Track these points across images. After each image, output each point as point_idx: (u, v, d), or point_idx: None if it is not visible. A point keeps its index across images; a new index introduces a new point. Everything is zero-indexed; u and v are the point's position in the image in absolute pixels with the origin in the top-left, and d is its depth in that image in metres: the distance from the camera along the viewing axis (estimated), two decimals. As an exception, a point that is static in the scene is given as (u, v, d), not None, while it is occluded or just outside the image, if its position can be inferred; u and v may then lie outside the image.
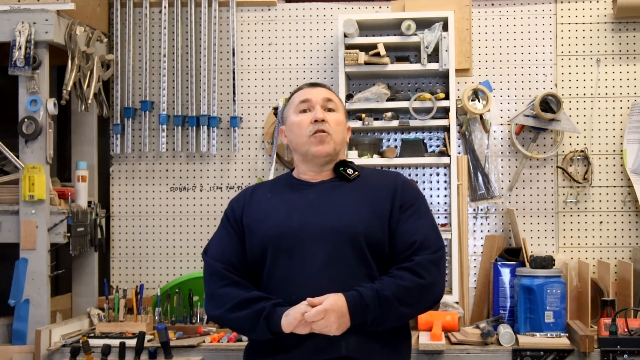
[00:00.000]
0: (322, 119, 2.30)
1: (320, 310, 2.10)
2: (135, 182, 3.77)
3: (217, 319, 2.34)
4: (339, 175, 2.35)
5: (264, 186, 2.46)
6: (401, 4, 3.64)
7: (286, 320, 2.13)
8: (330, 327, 2.11)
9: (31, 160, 3.20)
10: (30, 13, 3.18)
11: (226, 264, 2.30)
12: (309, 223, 2.25)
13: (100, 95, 3.58)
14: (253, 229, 2.31)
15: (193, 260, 3.73)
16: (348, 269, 2.21)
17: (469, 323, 3.41)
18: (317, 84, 2.44)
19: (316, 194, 2.31)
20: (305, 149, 2.33)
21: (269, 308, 2.17)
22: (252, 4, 3.75)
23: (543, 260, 3.16)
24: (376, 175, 2.42)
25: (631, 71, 3.61)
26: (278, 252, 2.25)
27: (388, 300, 2.14)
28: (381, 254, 2.25)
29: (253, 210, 2.35)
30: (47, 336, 3.07)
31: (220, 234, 2.39)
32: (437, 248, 2.26)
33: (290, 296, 2.18)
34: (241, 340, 3.12)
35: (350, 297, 2.14)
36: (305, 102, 2.35)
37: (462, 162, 3.52)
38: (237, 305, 2.22)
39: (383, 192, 2.30)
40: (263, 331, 2.19)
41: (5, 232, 3.23)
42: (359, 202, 2.28)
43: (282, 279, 2.23)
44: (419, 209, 2.31)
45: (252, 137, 3.74)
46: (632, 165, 3.53)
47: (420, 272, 2.19)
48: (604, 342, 2.91)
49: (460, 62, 3.57)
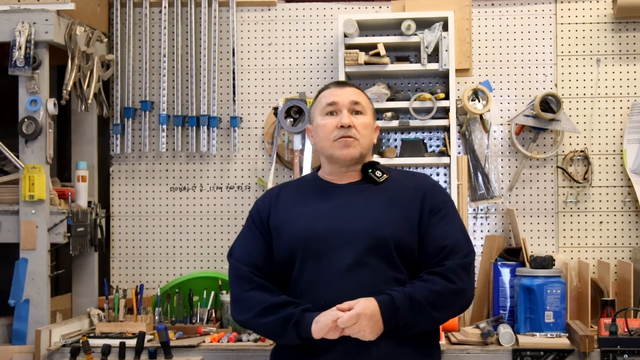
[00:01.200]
0: (349, 125, 2.27)
1: (353, 315, 2.08)
2: (135, 182, 3.77)
3: (244, 323, 2.31)
4: (367, 177, 2.33)
5: (289, 187, 2.43)
6: (401, 4, 3.64)
7: (317, 327, 2.11)
8: (363, 331, 2.10)
9: (31, 160, 3.20)
10: (30, 13, 3.18)
11: (252, 266, 2.27)
12: (337, 227, 2.23)
13: (100, 95, 3.58)
14: (280, 231, 2.29)
15: (193, 260, 3.73)
16: (377, 273, 2.19)
17: (469, 323, 3.40)
18: (345, 83, 2.39)
19: (344, 197, 2.29)
20: (330, 153, 2.30)
21: (298, 314, 2.15)
22: (252, 4, 3.75)
23: (543, 260, 3.16)
24: (405, 177, 2.39)
25: (631, 71, 3.61)
26: (306, 256, 2.23)
27: (420, 305, 2.13)
28: (410, 258, 2.24)
29: (280, 213, 2.32)
30: (47, 336, 3.07)
31: (245, 235, 2.36)
32: (467, 252, 2.25)
33: (319, 301, 2.17)
34: (241, 340, 3.12)
35: (382, 301, 2.12)
36: (331, 104, 2.31)
37: (462, 162, 3.52)
38: (265, 310, 2.20)
39: (412, 196, 2.28)
40: (292, 337, 2.17)
41: (5, 232, 3.23)
42: (387, 206, 2.26)
43: (310, 283, 2.21)
44: (449, 213, 2.30)
45: (252, 137, 3.74)
46: (632, 165, 3.53)
47: (451, 277, 2.18)
48: (604, 342, 2.91)
49: (460, 62, 3.57)
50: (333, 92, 2.34)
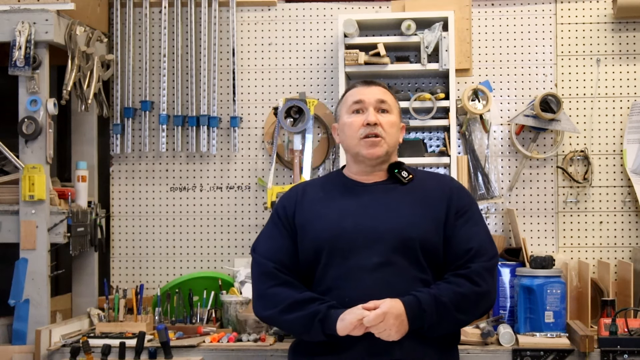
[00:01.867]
0: (375, 123, 2.28)
1: (379, 314, 2.09)
2: (135, 182, 3.77)
3: (268, 319, 2.32)
4: (393, 177, 2.33)
5: (315, 184, 2.44)
6: (401, 4, 3.64)
7: (342, 325, 2.12)
8: (389, 330, 2.11)
9: (31, 160, 3.20)
10: (30, 13, 3.18)
11: (277, 263, 2.28)
12: (363, 226, 2.23)
13: (100, 95, 3.58)
14: (306, 229, 2.29)
15: (193, 260, 3.73)
16: (402, 272, 2.20)
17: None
18: (372, 82, 2.40)
19: (370, 196, 2.29)
20: (356, 151, 2.31)
21: (324, 311, 2.16)
22: (252, 4, 3.75)
23: (543, 260, 3.16)
24: (430, 178, 2.40)
25: (631, 71, 3.61)
26: (332, 254, 2.23)
27: (445, 306, 2.15)
28: (435, 259, 2.25)
29: (305, 210, 2.32)
30: (47, 336, 3.07)
31: (270, 231, 2.36)
32: (492, 255, 2.27)
33: (344, 298, 2.18)
34: (241, 340, 3.12)
35: (408, 302, 2.13)
36: (358, 102, 2.32)
37: (462, 162, 3.52)
38: (290, 306, 2.20)
39: (438, 197, 2.30)
40: (317, 333, 2.18)
41: (5, 232, 3.23)
42: (414, 206, 2.27)
43: (335, 281, 2.22)
44: (474, 215, 2.32)
45: (252, 137, 3.74)
46: (632, 165, 3.53)
47: (476, 279, 2.19)
48: (604, 342, 2.91)
49: (460, 62, 3.57)
50: (360, 91, 2.35)
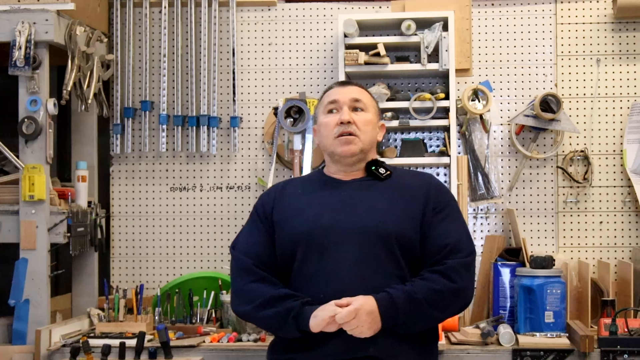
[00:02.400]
0: (349, 121, 2.29)
1: (351, 311, 2.09)
2: (135, 182, 3.77)
3: (245, 315, 2.33)
4: (371, 174, 2.34)
5: (294, 182, 2.46)
6: (401, 4, 3.64)
7: (315, 321, 2.13)
8: (361, 327, 2.11)
9: (31, 160, 3.20)
10: (30, 13, 3.18)
11: (255, 259, 2.28)
12: (340, 222, 2.24)
13: (100, 95, 3.58)
14: (283, 225, 2.30)
15: (193, 260, 3.73)
16: (378, 268, 2.20)
17: (469, 323, 3.40)
18: (347, 83, 2.42)
19: (348, 193, 2.30)
20: (331, 150, 2.33)
21: (298, 307, 2.17)
22: (252, 4, 3.75)
23: (543, 260, 3.16)
24: (409, 175, 2.41)
25: (631, 71, 3.61)
26: (308, 250, 2.24)
27: (419, 303, 2.14)
28: (412, 255, 2.25)
29: (284, 207, 2.33)
30: (47, 336, 3.07)
31: (249, 228, 2.37)
32: (469, 252, 2.26)
33: (319, 294, 2.18)
34: (241, 340, 3.12)
35: (381, 299, 2.13)
36: (333, 102, 2.34)
37: (462, 162, 3.52)
38: (266, 302, 2.21)
39: (416, 194, 2.29)
40: (291, 330, 2.18)
41: (5, 232, 3.23)
42: (391, 202, 2.27)
43: (311, 277, 2.23)
44: (452, 212, 2.32)
45: (252, 137, 3.74)
46: (632, 165, 3.53)
47: (452, 276, 2.19)
48: (604, 342, 2.91)
49: (460, 62, 3.57)
50: (335, 91, 2.38)
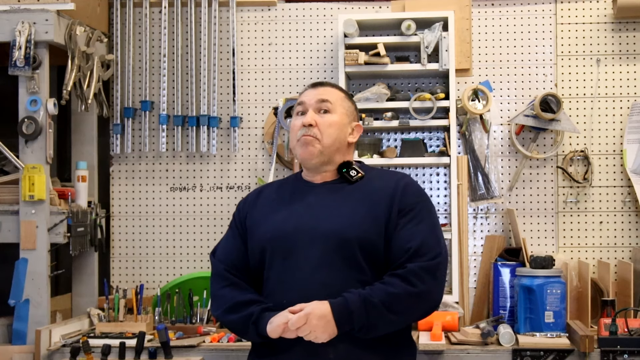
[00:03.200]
0: (310, 124, 2.26)
1: (302, 316, 2.08)
2: (135, 182, 3.77)
3: (217, 318, 2.38)
4: (342, 176, 2.32)
5: (272, 186, 2.45)
6: (401, 4, 3.64)
7: (270, 327, 2.13)
8: (315, 332, 2.09)
9: (31, 160, 3.20)
10: (30, 13, 3.18)
11: (228, 265, 2.30)
12: (303, 226, 2.22)
13: (100, 95, 3.58)
14: (253, 230, 2.31)
15: (193, 260, 3.73)
16: (339, 274, 2.17)
17: (469, 323, 3.41)
18: (320, 84, 2.39)
19: (316, 197, 2.28)
20: (295, 153, 2.33)
21: (257, 313, 2.18)
22: (252, 4, 3.75)
23: (543, 260, 3.16)
24: (380, 177, 2.35)
25: (631, 71, 3.61)
26: (274, 256, 2.24)
27: (375, 307, 2.10)
28: (376, 260, 2.20)
29: (256, 212, 2.34)
30: (47, 336, 3.07)
31: (227, 234, 2.40)
32: (434, 255, 2.18)
33: (282, 300, 2.17)
34: (241, 340, 3.12)
35: (335, 304, 2.10)
36: (300, 104, 2.33)
37: (462, 162, 3.52)
38: (232, 307, 2.23)
39: (382, 196, 2.24)
40: (253, 335, 2.21)
41: (5, 232, 3.23)
42: (355, 206, 2.24)
43: (277, 283, 2.23)
44: (419, 214, 2.24)
45: (252, 137, 3.74)
46: (632, 165, 3.53)
47: (411, 279, 2.13)
48: (604, 342, 2.91)
49: (460, 62, 3.57)
50: (305, 93, 2.36)
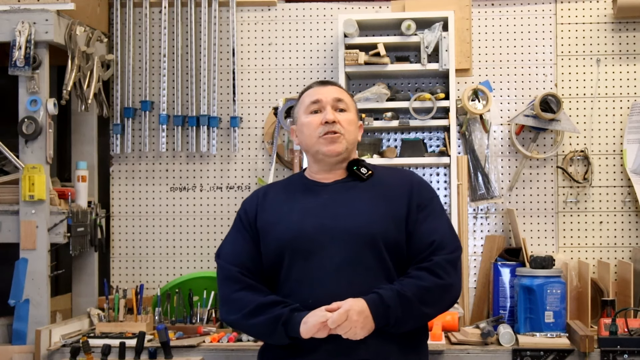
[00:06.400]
0: (333, 120, 2.28)
1: (342, 313, 2.08)
2: (135, 182, 3.77)
3: (234, 324, 2.32)
4: (353, 174, 2.33)
5: (276, 187, 2.43)
6: (401, 4, 3.64)
7: (305, 328, 2.11)
8: (355, 329, 2.09)
9: (31, 160, 3.20)
10: (30, 13, 3.18)
11: (241, 267, 2.27)
12: (322, 225, 2.22)
13: (100, 95, 3.58)
14: (267, 232, 2.28)
15: (193, 260, 3.73)
16: (365, 271, 2.19)
17: (469, 323, 3.41)
18: (327, 82, 2.40)
19: (330, 196, 2.29)
20: (315, 149, 2.31)
21: (287, 314, 2.15)
22: (252, 4, 3.75)
23: (543, 260, 3.16)
24: (390, 174, 2.38)
25: (631, 71, 3.61)
26: (294, 255, 2.22)
27: (409, 301, 2.13)
28: (398, 255, 2.23)
29: (266, 213, 2.32)
30: (47, 336, 3.07)
31: (233, 236, 2.36)
32: (454, 248, 2.25)
33: (307, 300, 2.17)
34: (241, 340, 3.12)
35: (371, 299, 2.12)
36: (315, 102, 2.32)
37: (462, 162, 3.52)
38: (254, 310, 2.19)
39: (399, 192, 2.28)
40: (281, 337, 2.17)
41: (5, 232, 3.23)
42: (374, 203, 2.26)
43: (298, 283, 2.21)
44: (436, 209, 2.30)
45: (252, 137, 3.74)
46: (632, 165, 3.53)
47: (438, 272, 2.18)
48: (604, 342, 2.91)
49: (460, 62, 3.57)
50: (316, 91, 2.35)
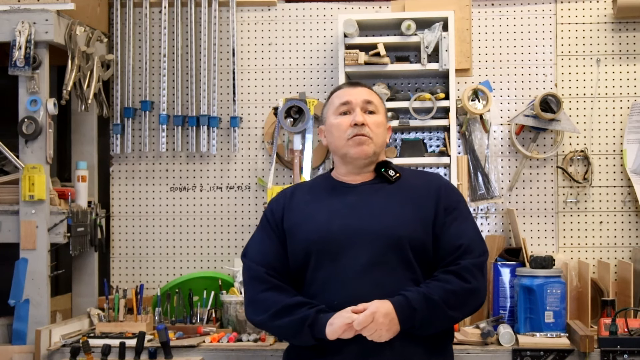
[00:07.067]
0: (362, 123, 2.28)
1: (368, 315, 2.08)
2: (135, 182, 3.77)
3: (260, 324, 2.32)
4: (380, 176, 2.33)
5: (303, 187, 2.44)
6: (401, 4, 3.64)
7: (331, 329, 2.12)
8: (380, 331, 2.10)
9: (31, 160, 3.20)
10: (30, 13, 3.18)
11: (268, 267, 2.27)
12: (351, 227, 2.22)
13: (100, 95, 3.58)
14: (295, 232, 2.29)
15: (193, 260, 3.73)
16: (392, 273, 2.19)
17: (469, 323, 3.40)
18: (357, 84, 2.40)
19: (358, 197, 2.29)
20: (344, 152, 2.31)
21: (313, 315, 2.16)
22: (252, 4, 3.75)
23: (543, 260, 3.16)
24: (417, 176, 2.39)
25: (631, 71, 3.61)
26: (321, 256, 2.23)
27: (436, 304, 2.14)
28: (425, 258, 2.24)
29: (294, 213, 2.32)
30: (47, 336, 3.07)
31: (260, 236, 2.36)
32: (481, 252, 2.27)
33: (332, 301, 2.17)
34: (241, 340, 3.12)
35: (397, 302, 2.12)
36: (345, 104, 2.32)
37: (462, 162, 3.52)
38: (280, 311, 2.20)
39: (426, 195, 2.28)
40: (307, 338, 2.17)
41: (5, 232, 3.23)
42: (402, 205, 2.26)
43: (324, 284, 2.22)
44: (463, 212, 2.31)
45: (252, 137, 3.74)
46: (632, 165, 3.53)
47: (466, 276, 2.19)
48: (604, 342, 2.91)
49: (460, 62, 3.57)
50: (346, 92, 2.36)
